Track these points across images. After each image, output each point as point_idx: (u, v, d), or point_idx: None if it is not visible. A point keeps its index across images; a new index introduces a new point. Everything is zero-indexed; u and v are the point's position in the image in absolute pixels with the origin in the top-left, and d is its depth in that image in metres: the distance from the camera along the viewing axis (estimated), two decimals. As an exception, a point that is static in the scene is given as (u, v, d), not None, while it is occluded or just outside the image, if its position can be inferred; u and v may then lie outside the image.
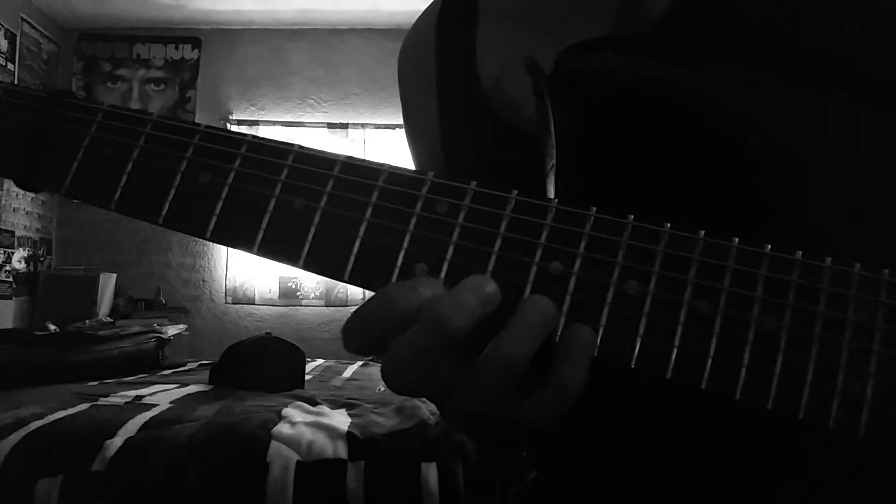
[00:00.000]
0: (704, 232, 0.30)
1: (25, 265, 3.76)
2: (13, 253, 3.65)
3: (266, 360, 1.97)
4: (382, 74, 3.96)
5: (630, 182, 0.39)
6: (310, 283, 3.99)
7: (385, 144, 4.02)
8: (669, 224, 0.31)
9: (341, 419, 1.47)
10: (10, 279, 3.63)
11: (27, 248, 3.78)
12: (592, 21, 0.46)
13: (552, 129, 0.39)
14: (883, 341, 0.28)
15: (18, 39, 3.69)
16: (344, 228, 0.32)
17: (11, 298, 3.62)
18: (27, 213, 3.80)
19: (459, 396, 0.30)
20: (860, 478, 0.36)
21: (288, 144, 0.34)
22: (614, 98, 0.39)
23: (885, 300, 0.28)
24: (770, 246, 0.30)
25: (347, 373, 2.43)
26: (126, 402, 1.64)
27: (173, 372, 2.43)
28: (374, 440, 1.34)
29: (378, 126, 4.06)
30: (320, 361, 2.77)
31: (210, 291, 4.03)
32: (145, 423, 1.39)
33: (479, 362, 0.29)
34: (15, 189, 3.24)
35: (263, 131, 3.94)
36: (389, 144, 4.01)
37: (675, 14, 0.43)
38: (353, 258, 0.32)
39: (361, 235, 0.32)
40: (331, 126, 4.10)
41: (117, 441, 1.29)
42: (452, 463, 1.31)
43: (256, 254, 0.33)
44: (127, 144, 0.36)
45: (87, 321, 3.11)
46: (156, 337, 2.65)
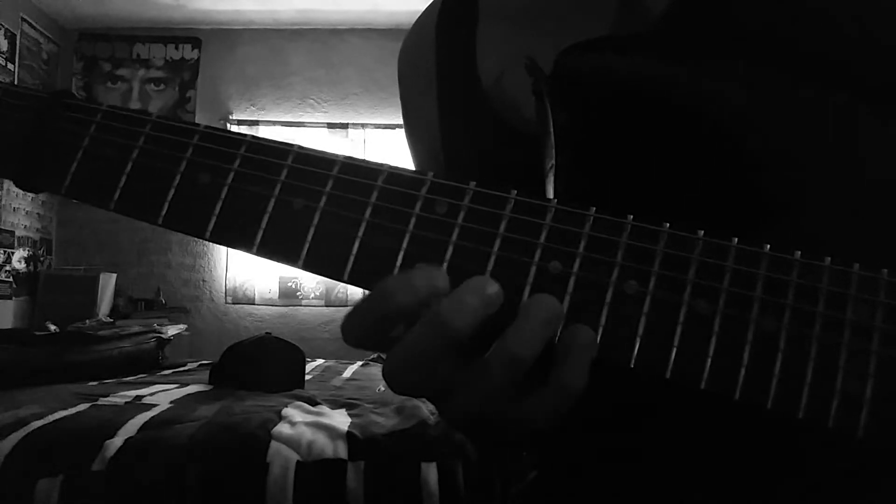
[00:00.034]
0: (704, 232, 0.30)
1: (25, 265, 3.76)
2: (13, 253, 3.65)
3: (266, 360, 1.97)
4: (382, 74, 3.96)
5: (629, 182, 0.39)
6: (310, 283, 3.99)
7: (385, 144, 4.03)
8: (669, 224, 0.31)
9: (341, 419, 1.47)
10: (10, 279, 3.63)
11: (27, 248, 3.79)
12: (592, 21, 0.46)
13: (552, 129, 0.39)
14: (882, 341, 0.28)
15: (18, 39, 3.70)
16: (343, 229, 0.32)
17: (11, 298, 3.62)
18: (27, 213, 3.80)
19: (460, 396, 0.30)
20: (860, 478, 0.36)
21: (287, 145, 0.34)
22: (614, 98, 0.39)
23: (884, 300, 0.28)
24: (769, 246, 0.30)
25: (347, 373, 2.43)
26: (126, 402, 1.64)
27: (173, 372, 2.43)
28: (374, 440, 1.34)
29: (378, 126, 4.06)
30: (320, 361, 2.77)
31: (210, 291, 4.03)
32: (145, 423, 1.39)
33: (485, 361, 0.29)
34: (15, 189, 3.24)
35: (263, 131, 3.95)
36: (389, 144, 4.01)
37: (675, 14, 0.43)
38: (353, 258, 0.32)
39: (361, 236, 0.32)
40: (331, 126, 4.10)
41: (117, 441, 1.29)
42: (452, 463, 1.30)
43: (256, 254, 0.33)
44: (126, 145, 0.36)
45: (87, 321, 3.11)
46: (156, 337, 2.65)
